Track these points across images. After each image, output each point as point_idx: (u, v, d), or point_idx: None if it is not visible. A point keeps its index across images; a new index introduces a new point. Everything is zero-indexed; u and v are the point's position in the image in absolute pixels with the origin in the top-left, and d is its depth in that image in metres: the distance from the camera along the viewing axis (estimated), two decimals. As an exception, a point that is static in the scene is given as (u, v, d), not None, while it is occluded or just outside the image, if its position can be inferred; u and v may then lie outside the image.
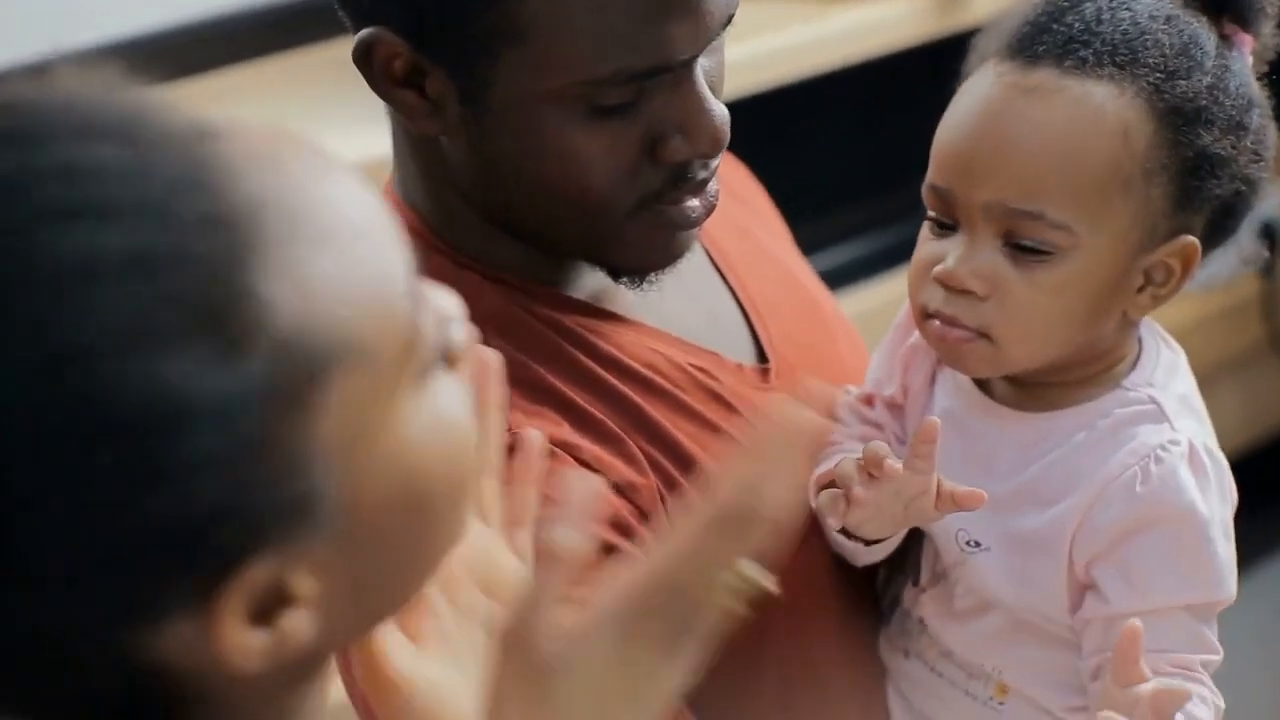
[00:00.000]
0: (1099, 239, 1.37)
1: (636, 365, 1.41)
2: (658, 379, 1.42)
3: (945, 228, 1.41)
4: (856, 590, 1.51)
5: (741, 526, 0.99)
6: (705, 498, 1.00)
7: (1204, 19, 1.41)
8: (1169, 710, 1.27)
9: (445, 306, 0.99)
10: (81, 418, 0.84)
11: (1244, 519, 1.52)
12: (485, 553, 1.13)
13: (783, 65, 2.45)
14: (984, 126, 1.38)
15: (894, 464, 1.36)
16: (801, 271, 1.62)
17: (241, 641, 0.89)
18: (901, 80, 2.38)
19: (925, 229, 1.43)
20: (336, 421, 0.89)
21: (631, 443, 1.38)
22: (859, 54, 2.54)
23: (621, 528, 1.34)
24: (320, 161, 0.94)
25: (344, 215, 0.92)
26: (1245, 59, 1.43)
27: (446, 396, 0.96)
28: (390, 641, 1.07)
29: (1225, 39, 1.42)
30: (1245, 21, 1.43)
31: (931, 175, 1.41)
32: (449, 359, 0.98)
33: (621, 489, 1.35)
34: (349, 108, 1.43)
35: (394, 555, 0.95)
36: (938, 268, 1.39)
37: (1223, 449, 1.41)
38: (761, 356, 1.51)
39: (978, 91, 1.40)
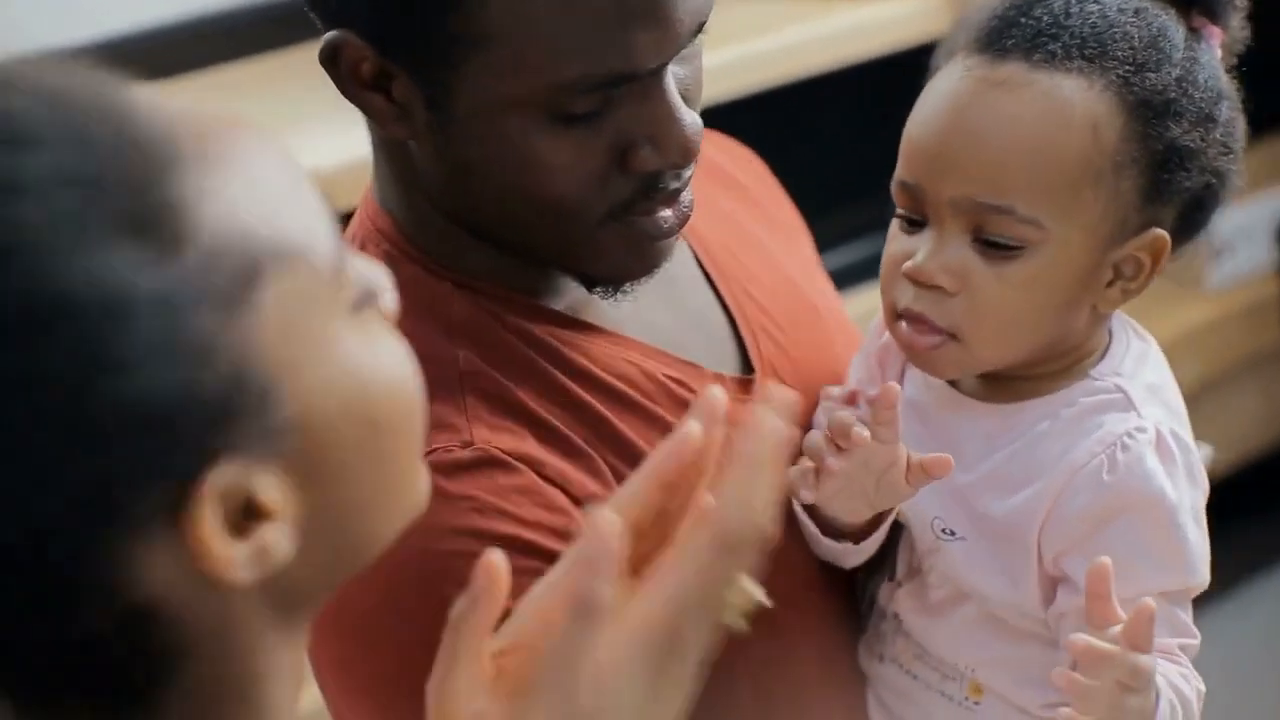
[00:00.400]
0: (1069, 233, 1.37)
1: (608, 377, 1.40)
2: (629, 391, 1.40)
3: (914, 224, 1.40)
4: (836, 597, 1.50)
5: (739, 544, 1.02)
6: (701, 520, 1.02)
7: (1172, 12, 1.41)
8: (1144, 633, 1.27)
9: (375, 277, 1.03)
10: (26, 305, 0.89)
11: (1264, 518, 1.51)
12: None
13: (788, 63, 2.44)
14: (952, 121, 1.38)
15: (861, 431, 1.36)
16: (803, 272, 1.60)
17: (222, 550, 0.92)
18: (910, 78, 2.36)
19: (894, 226, 1.42)
20: (278, 323, 0.94)
21: (598, 457, 1.36)
22: (867, 52, 2.52)
23: None
24: (240, 122, 0.98)
25: (258, 154, 0.98)
26: (1214, 51, 1.42)
27: (386, 339, 1.00)
28: (464, 682, 1.07)
29: (1194, 32, 1.42)
30: (1214, 14, 1.43)
31: (900, 171, 1.41)
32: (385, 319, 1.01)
33: (585, 504, 1.33)
34: (353, 106, 1.42)
35: (354, 481, 0.98)
36: (907, 264, 1.39)
37: (1243, 449, 1.40)
38: (747, 366, 1.49)
39: (946, 86, 1.40)
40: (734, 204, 1.58)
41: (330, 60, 1.33)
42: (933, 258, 1.38)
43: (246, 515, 0.94)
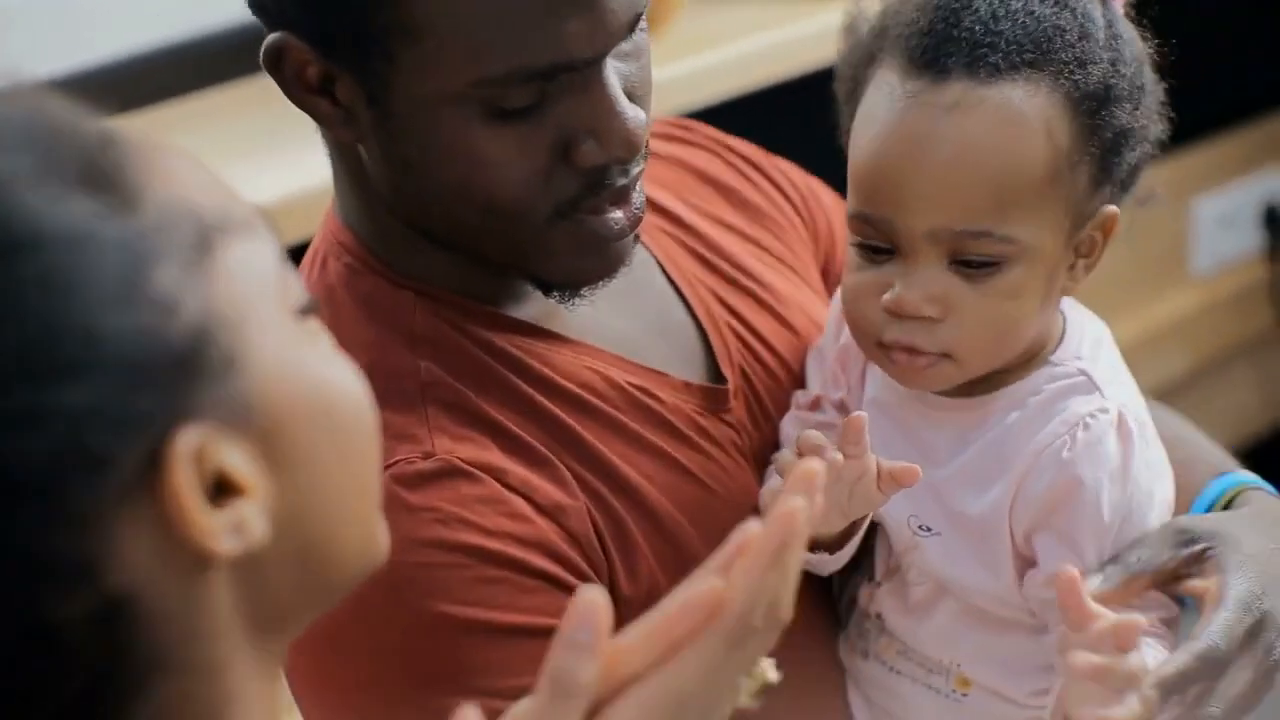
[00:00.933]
0: (1040, 237, 1.38)
1: (570, 385, 1.39)
2: (592, 399, 1.40)
3: (878, 252, 1.39)
4: (811, 596, 1.48)
5: (753, 636, 0.99)
6: (722, 611, 0.98)
7: None
8: (1131, 640, 1.27)
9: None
10: None
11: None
12: None
13: (787, 62, 2.41)
14: (913, 152, 1.37)
15: (834, 455, 1.35)
16: (782, 275, 1.57)
17: (200, 516, 0.92)
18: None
19: (853, 254, 1.41)
20: (233, 292, 0.95)
21: (561, 464, 1.36)
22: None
23: (551, 552, 1.33)
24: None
25: (192, 161, 0.99)
26: (1120, 12, 1.43)
27: (339, 356, 1.00)
28: None
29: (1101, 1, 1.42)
30: None
31: (861, 205, 1.39)
32: None
33: (549, 511, 1.34)
34: (301, 137, 1.42)
35: (320, 477, 0.98)
36: (886, 297, 1.38)
37: (1239, 434, 1.40)
38: (719, 376, 1.47)
39: (891, 115, 1.38)
40: (706, 202, 1.56)
41: (274, 64, 1.32)
42: (913, 289, 1.37)
43: (220, 492, 0.93)
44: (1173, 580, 1.39)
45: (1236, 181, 3.12)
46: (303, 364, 0.98)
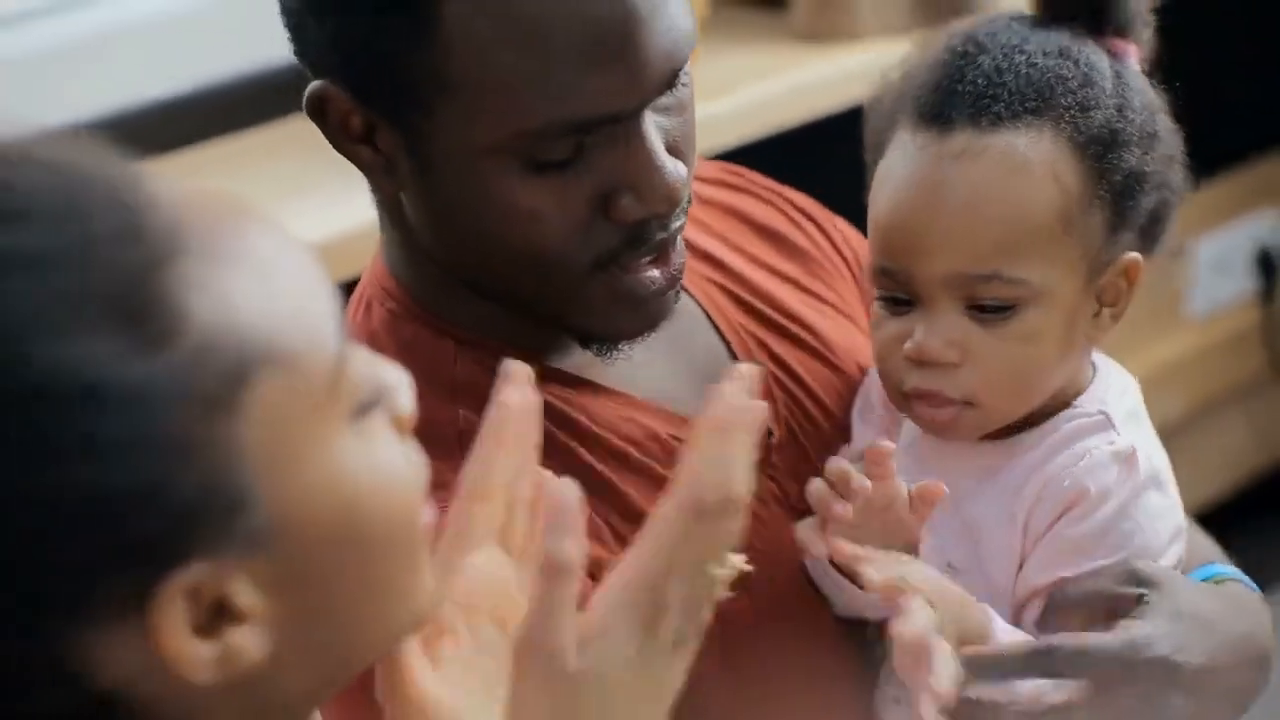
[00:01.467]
0: (1054, 281, 1.41)
1: (611, 438, 1.39)
2: (633, 452, 1.40)
3: (900, 303, 1.43)
4: (843, 647, 1.48)
5: (713, 508, 1.04)
6: (679, 488, 1.04)
7: (1090, 41, 1.45)
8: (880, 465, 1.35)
9: (391, 377, 1.01)
10: None
11: (1257, 545, 1.53)
12: (502, 584, 1.12)
13: (791, 110, 2.44)
14: (921, 201, 1.41)
15: (861, 481, 1.37)
16: (834, 321, 1.56)
17: (185, 650, 0.91)
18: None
19: (877, 309, 1.45)
20: (263, 428, 0.92)
21: (599, 519, 1.35)
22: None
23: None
24: (253, 213, 0.97)
25: (266, 250, 0.96)
26: (1135, 66, 1.46)
27: (388, 449, 0.99)
28: (416, 661, 1.06)
29: (1113, 55, 1.45)
30: (1125, 33, 1.46)
31: (878, 258, 1.43)
32: (397, 425, 1.00)
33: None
34: (345, 177, 1.42)
35: (341, 593, 0.97)
36: (907, 345, 1.41)
37: (1234, 476, 1.42)
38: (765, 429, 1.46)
39: (902, 169, 1.42)
40: (756, 249, 1.56)
41: (318, 112, 1.33)
42: (932, 335, 1.41)
43: (218, 614, 0.93)
44: (1109, 618, 1.40)
45: (1229, 225, 3.14)
46: (337, 484, 0.95)
